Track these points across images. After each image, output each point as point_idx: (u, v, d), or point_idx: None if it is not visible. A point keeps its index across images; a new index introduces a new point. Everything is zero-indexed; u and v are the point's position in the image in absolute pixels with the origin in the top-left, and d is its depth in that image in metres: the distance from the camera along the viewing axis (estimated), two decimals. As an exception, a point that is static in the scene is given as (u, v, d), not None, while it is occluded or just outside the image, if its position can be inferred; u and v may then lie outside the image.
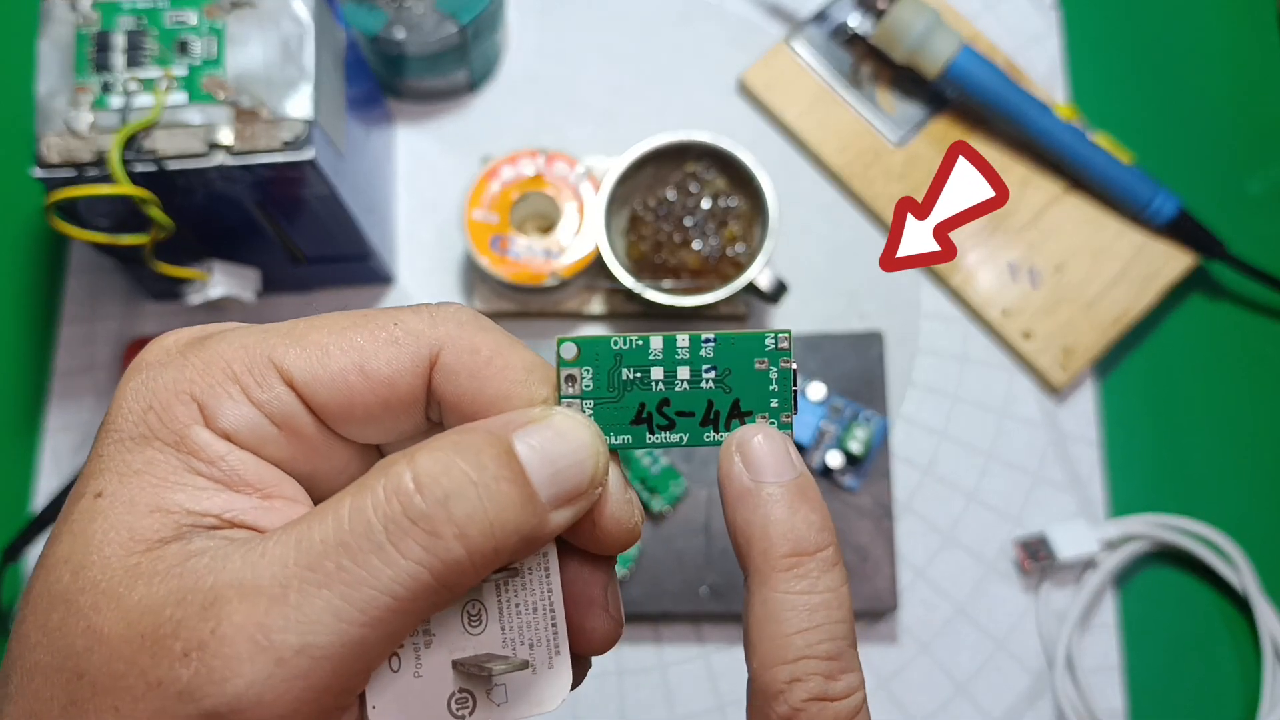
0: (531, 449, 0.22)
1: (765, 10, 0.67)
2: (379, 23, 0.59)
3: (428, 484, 0.21)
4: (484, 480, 0.21)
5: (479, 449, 0.21)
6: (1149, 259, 0.61)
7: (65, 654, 0.21)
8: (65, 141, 0.48)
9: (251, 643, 0.19)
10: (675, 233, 0.59)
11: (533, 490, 0.22)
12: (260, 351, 0.23)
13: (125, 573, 0.21)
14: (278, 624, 0.20)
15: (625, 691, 0.57)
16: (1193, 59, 0.67)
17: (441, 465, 0.21)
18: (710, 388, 0.24)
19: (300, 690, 0.20)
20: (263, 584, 0.20)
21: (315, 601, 0.20)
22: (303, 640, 0.20)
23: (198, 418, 0.23)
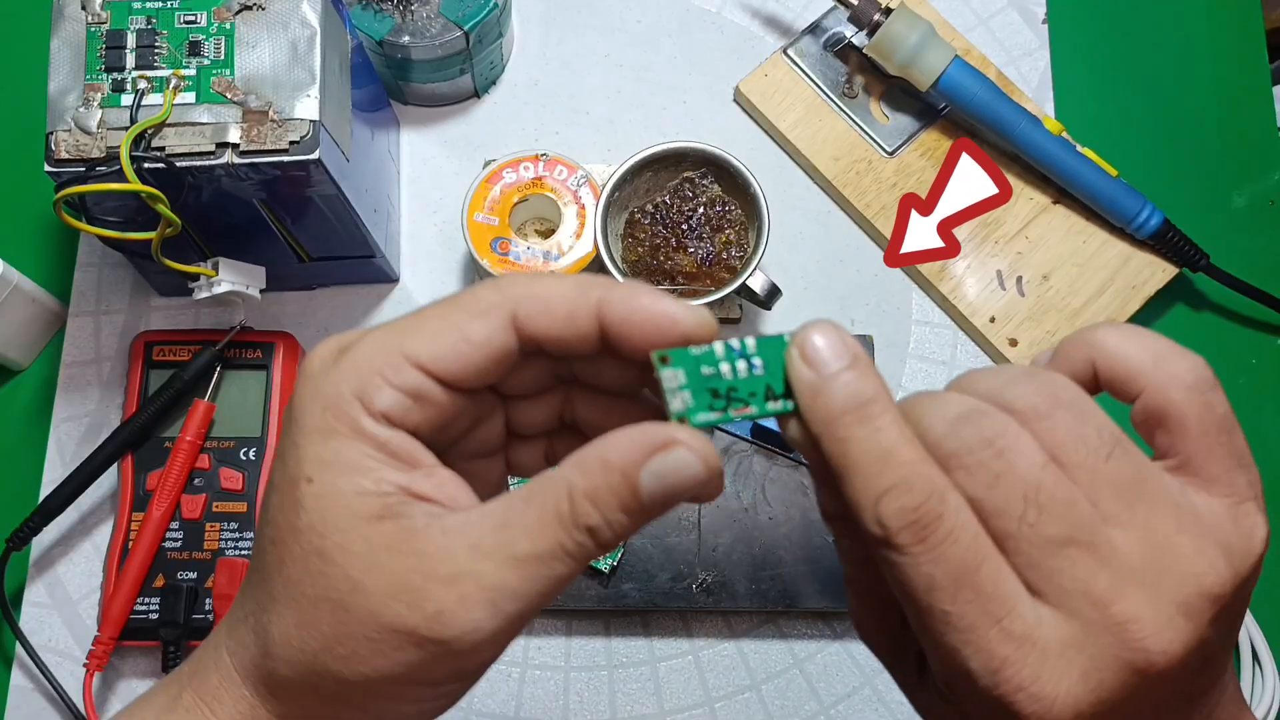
0: (654, 478, 0.29)
1: (762, 22, 0.69)
2: (386, 27, 0.60)
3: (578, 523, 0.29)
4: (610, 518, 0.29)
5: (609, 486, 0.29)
6: (1133, 269, 0.63)
7: (330, 591, 0.29)
8: (76, 138, 0.49)
9: (488, 606, 0.29)
10: (672, 237, 0.60)
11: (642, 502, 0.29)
12: (391, 347, 0.30)
13: (365, 543, 0.29)
14: (501, 600, 0.29)
15: (615, 685, 0.58)
16: (1179, 74, 0.68)
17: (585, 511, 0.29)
18: (761, 375, 0.30)
19: (506, 632, 0.29)
20: (488, 571, 0.29)
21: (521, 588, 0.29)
22: (516, 606, 0.29)
23: (361, 410, 0.30)
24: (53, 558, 0.59)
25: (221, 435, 0.58)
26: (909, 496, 0.27)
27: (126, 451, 0.58)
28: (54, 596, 0.59)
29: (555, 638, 0.58)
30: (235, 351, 0.60)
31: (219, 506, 0.57)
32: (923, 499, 0.27)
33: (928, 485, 0.27)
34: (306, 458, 0.30)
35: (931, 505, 0.27)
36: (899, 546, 0.27)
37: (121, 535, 0.57)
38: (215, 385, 0.59)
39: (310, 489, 0.30)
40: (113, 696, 0.58)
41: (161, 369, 0.59)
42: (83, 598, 0.59)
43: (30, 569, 0.59)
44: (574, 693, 0.57)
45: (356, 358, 0.31)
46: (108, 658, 0.56)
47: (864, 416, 0.28)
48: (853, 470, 0.28)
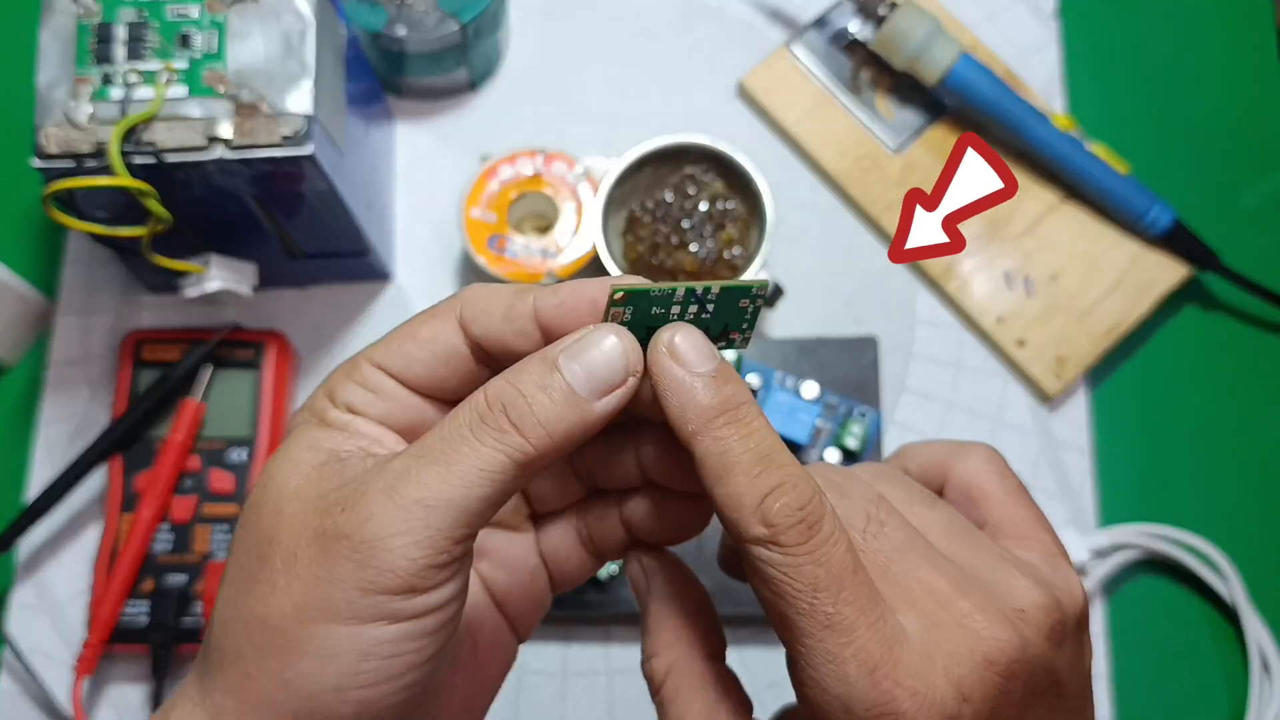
0: (570, 357, 0.29)
1: (766, 15, 0.68)
2: (380, 20, 0.59)
3: (492, 399, 0.29)
4: (529, 391, 0.29)
5: (528, 369, 0.29)
6: (1143, 269, 0.62)
7: (261, 532, 0.30)
8: (65, 132, 0.48)
9: (385, 497, 0.28)
10: (672, 234, 0.59)
11: (571, 390, 0.29)
12: (355, 358, 0.33)
13: (300, 481, 0.30)
14: (402, 487, 0.28)
15: (614, 691, 0.57)
16: (1190, 71, 0.67)
17: (500, 386, 0.29)
18: (706, 317, 0.31)
19: (417, 528, 0.28)
20: (394, 467, 0.29)
21: (425, 473, 0.28)
22: (419, 495, 0.28)
23: (327, 404, 0.33)
24: (40, 560, 0.58)
25: (211, 435, 0.58)
26: (795, 495, 0.28)
27: (115, 452, 0.57)
28: (42, 599, 0.58)
29: (553, 643, 0.57)
30: (226, 350, 0.59)
31: (209, 509, 0.56)
32: (808, 498, 0.28)
33: (810, 486, 0.29)
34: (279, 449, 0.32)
35: (816, 504, 0.28)
36: (785, 545, 0.28)
37: (110, 537, 0.56)
38: (205, 385, 0.58)
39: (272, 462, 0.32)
40: (101, 700, 0.57)
41: (151, 368, 0.58)
42: (71, 600, 0.58)
43: (17, 571, 0.58)
44: (571, 699, 0.57)
45: (328, 377, 0.33)
46: (96, 661, 0.55)
47: (740, 417, 0.29)
48: (733, 469, 0.29)
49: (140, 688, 0.57)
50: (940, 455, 0.36)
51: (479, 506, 0.29)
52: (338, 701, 0.29)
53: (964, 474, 0.35)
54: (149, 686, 0.56)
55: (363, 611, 0.28)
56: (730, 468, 0.29)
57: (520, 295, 0.32)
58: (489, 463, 0.29)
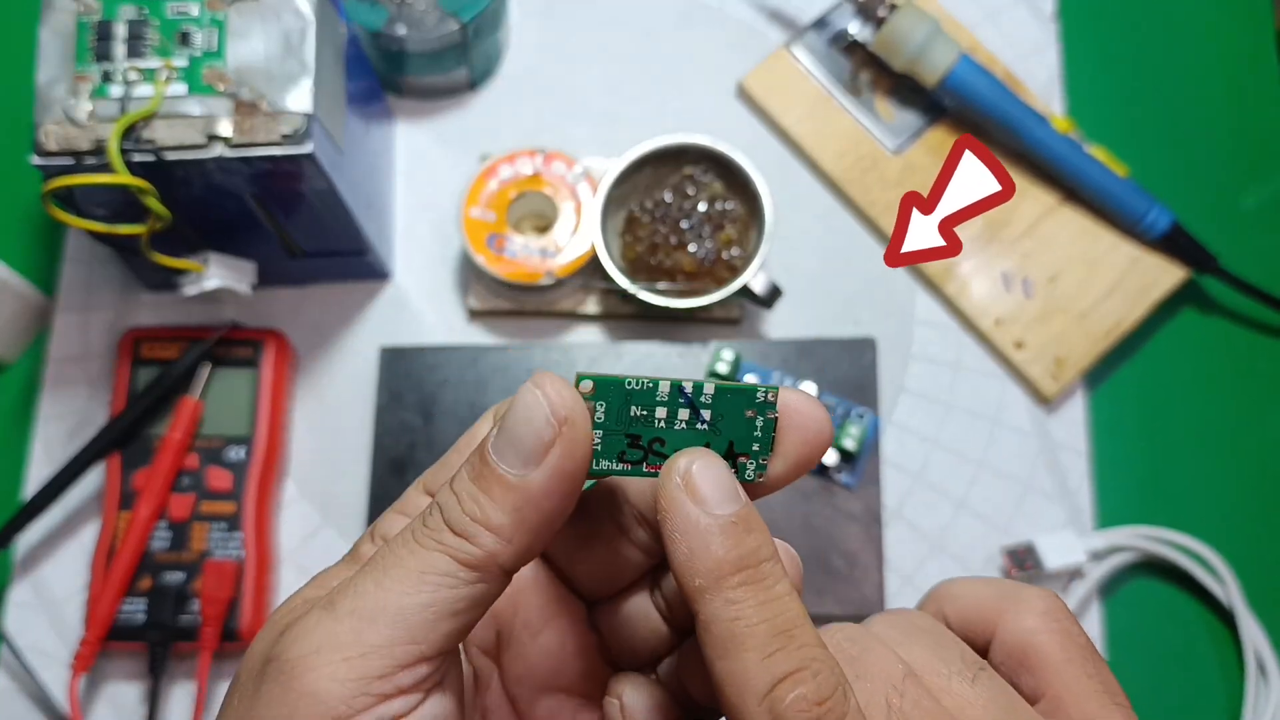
0: (496, 435, 0.25)
1: (766, 15, 0.68)
2: (380, 18, 0.59)
3: (432, 505, 0.26)
4: (462, 489, 0.25)
5: (463, 466, 0.26)
6: (1142, 272, 0.62)
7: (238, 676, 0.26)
8: (64, 130, 0.48)
9: (320, 610, 0.25)
10: (671, 235, 0.59)
11: (496, 474, 0.25)
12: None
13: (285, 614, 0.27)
14: (338, 599, 0.25)
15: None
16: (1190, 74, 0.67)
17: (440, 491, 0.26)
18: (704, 429, 0.25)
19: (347, 643, 0.24)
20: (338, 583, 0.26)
21: (362, 582, 0.25)
22: (352, 606, 0.24)
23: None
24: (38, 557, 0.58)
25: (210, 434, 0.57)
26: (814, 686, 0.23)
27: (113, 450, 0.57)
28: (39, 596, 0.58)
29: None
30: (224, 349, 0.59)
31: (206, 507, 0.56)
32: (830, 691, 0.23)
33: (834, 676, 0.23)
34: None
35: (838, 700, 0.23)
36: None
37: (108, 535, 0.56)
38: (204, 383, 0.58)
39: None
40: (98, 698, 0.57)
41: (149, 366, 0.58)
42: (68, 598, 0.58)
43: (15, 568, 0.58)
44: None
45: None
46: (93, 659, 0.55)
47: (760, 578, 0.24)
48: (744, 642, 0.23)
49: (137, 686, 0.57)
50: (989, 601, 0.29)
51: (425, 616, 0.24)
52: None
53: (1017, 633, 0.28)
54: (146, 684, 0.56)
55: None
56: (740, 640, 0.23)
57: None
58: (429, 565, 0.24)
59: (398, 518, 0.29)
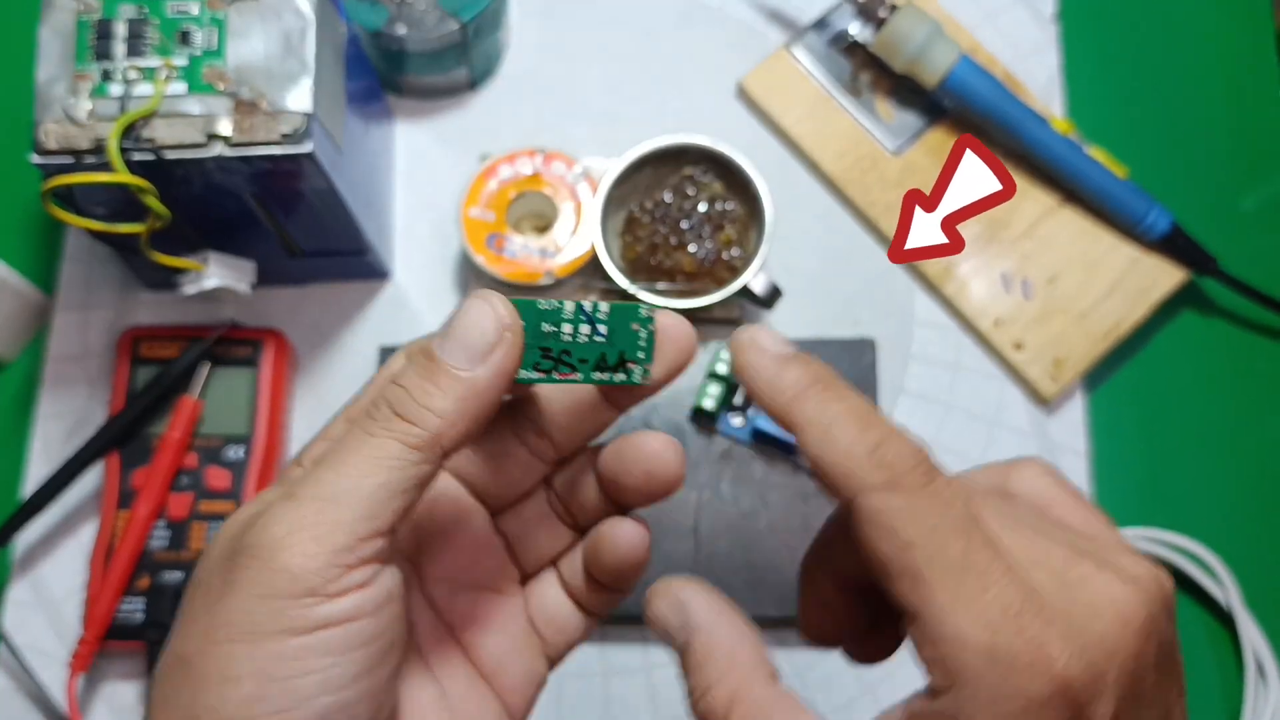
0: (443, 339, 0.29)
1: (766, 16, 0.68)
2: (380, 18, 0.59)
3: (377, 399, 0.29)
4: (412, 384, 0.29)
5: (409, 366, 0.29)
6: (1141, 273, 0.62)
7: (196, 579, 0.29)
8: (64, 128, 0.48)
9: (282, 501, 0.28)
10: (671, 235, 0.59)
11: (452, 370, 0.29)
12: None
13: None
14: (298, 489, 0.28)
15: (609, 692, 0.57)
16: (1189, 75, 0.67)
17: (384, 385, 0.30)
18: (601, 341, 0.30)
19: (313, 522, 0.27)
20: (292, 475, 0.29)
21: (321, 473, 0.28)
22: (314, 491, 0.28)
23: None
24: (36, 556, 0.58)
25: (209, 433, 0.57)
26: (907, 442, 0.28)
27: (112, 449, 0.57)
28: (37, 595, 0.58)
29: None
30: (224, 348, 0.59)
31: (205, 506, 0.56)
32: (920, 446, 0.28)
33: (916, 440, 0.29)
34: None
35: (927, 453, 0.28)
36: (908, 487, 0.27)
37: (106, 534, 0.56)
38: (203, 382, 0.58)
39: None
40: (96, 698, 0.57)
41: (148, 365, 0.58)
42: (67, 597, 0.58)
43: (13, 567, 0.58)
44: (567, 701, 0.56)
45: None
46: (92, 658, 0.55)
47: (833, 385, 0.30)
48: (840, 424, 0.28)
49: (135, 685, 0.57)
50: (993, 475, 0.32)
51: (380, 495, 0.28)
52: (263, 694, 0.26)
53: (1024, 485, 0.32)
54: (144, 684, 0.56)
55: (262, 623, 0.27)
56: (836, 423, 0.28)
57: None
58: (382, 451, 0.28)
59: (324, 443, 0.31)
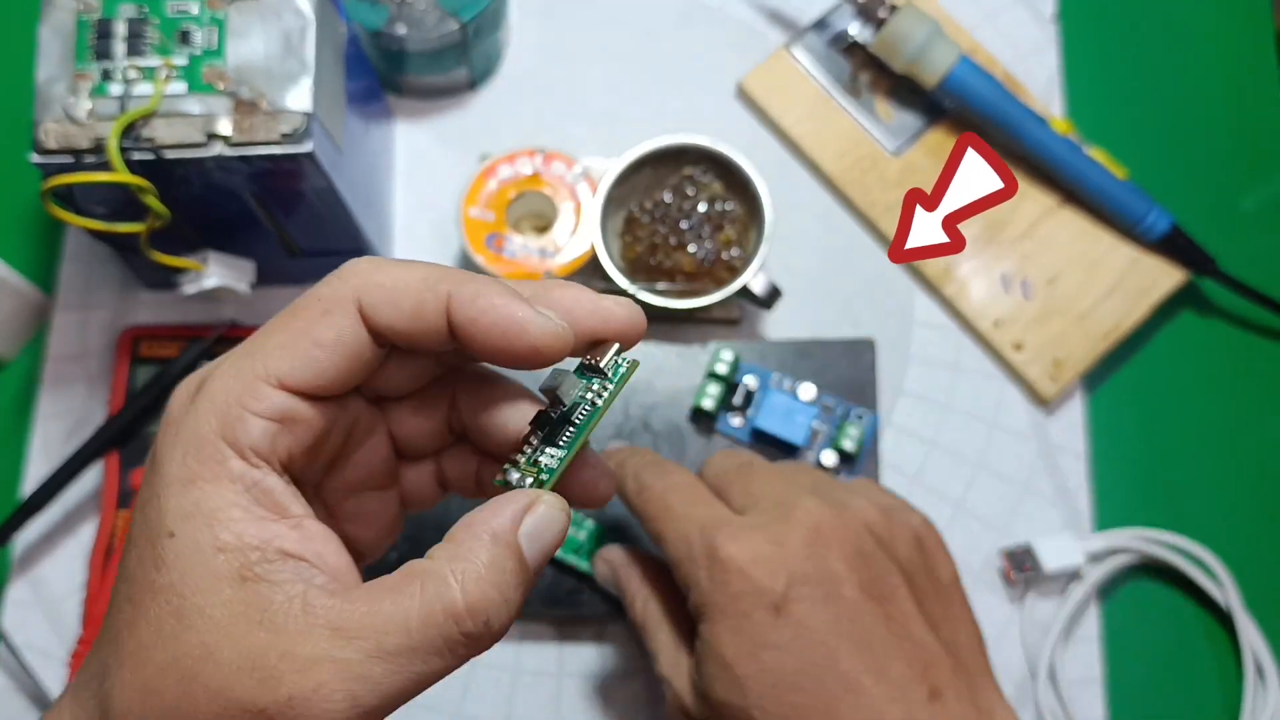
0: (530, 540, 0.30)
1: (766, 16, 0.68)
2: (381, 18, 0.59)
3: (477, 611, 0.29)
4: (508, 597, 0.29)
5: (505, 569, 0.29)
6: (1141, 274, 0.62)
7: (181, 657, 0.28)
8: (64, 128, 0.48)
9: (347, 698, 0.27)
10: (671, 235, 0.59)
11: (530, 572, 0.30)
12: (246, 372, 0.30)
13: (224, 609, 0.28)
14: (363, 694, 0.27)
15: (609, 692, 0.57)
16: (1189, 76, 0.67)
17: (483, 594, 0.29)
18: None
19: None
20: (352, 661, 0.27)
21: (385, 683, 0.28)
22: (376, 701, 0.27)
23: (227, 449, 0.29)
24: (36, 556, 0.58)
25: (209, 433, 0.57)
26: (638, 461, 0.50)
27: (111, 448, 0.57)
28: (36, 595, 0.58)
29: (548, 644, 0.57)
30: (223, 347, 0.59)
31: (205, 506, 0.56)
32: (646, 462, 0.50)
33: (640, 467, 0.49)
34: (168, 510, 0.29)
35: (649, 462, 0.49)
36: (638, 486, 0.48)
37: (105, 533, 0.56)
38: (203, 381, 0.58)
39: (172, 544, 0.29)
40: None
41: (148, 364, 0.58)
42: (66, 596, 0.58)
43: (12, 567, 0.58)
44: (566, 700, 0.56)
45: (213, 393, 0.30)
46: (91, 658, 0.55)
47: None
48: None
49: (135, 684, 0.57)
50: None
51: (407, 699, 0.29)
52: None
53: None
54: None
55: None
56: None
57: (431, 286, 0.30)
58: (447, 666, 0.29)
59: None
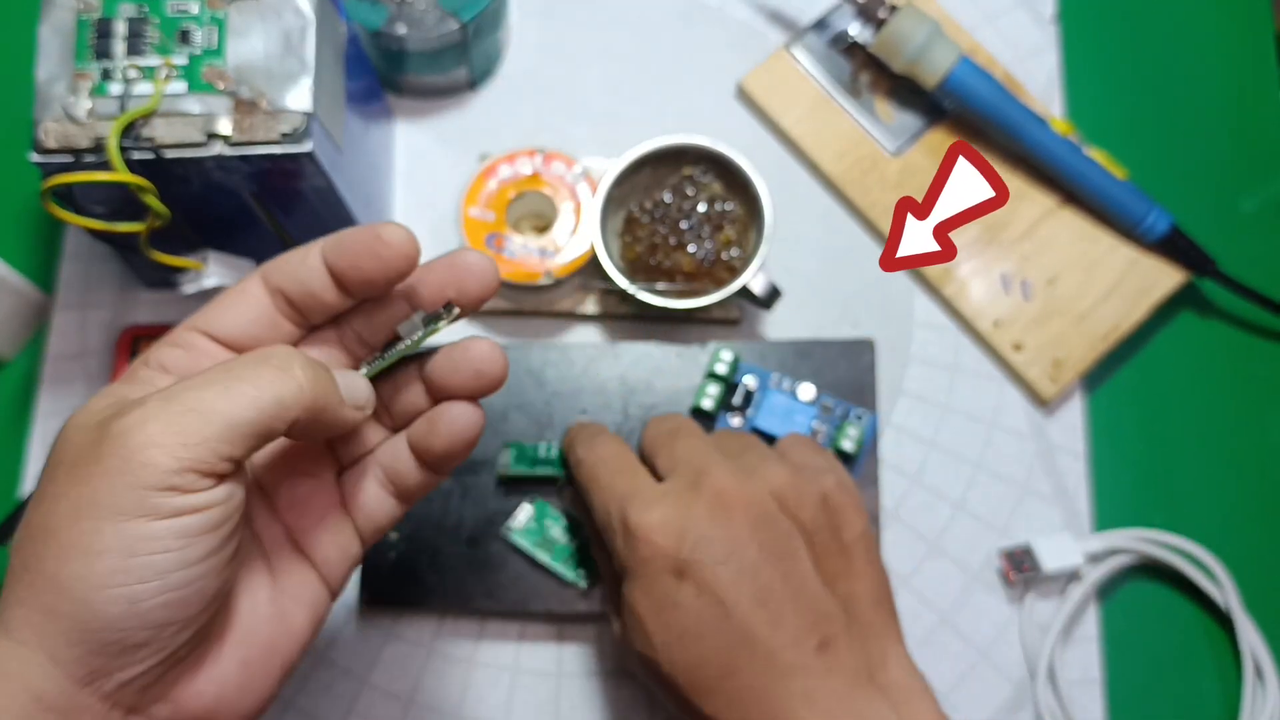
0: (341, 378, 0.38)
1: (766, 16, 0.68)
2: (380, 18, 0.59)
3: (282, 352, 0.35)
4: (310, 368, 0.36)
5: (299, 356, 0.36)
6: (1141, 275, 0.62)
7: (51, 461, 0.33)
8: (63, 127, 0.48)
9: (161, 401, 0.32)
10: (670, 235, 0.59)
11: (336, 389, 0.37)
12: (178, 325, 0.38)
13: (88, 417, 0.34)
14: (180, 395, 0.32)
15: (608, 691, 0.57)
16: (1189, 77, 0.67)
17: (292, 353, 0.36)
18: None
19: (185, 430, 0.32)
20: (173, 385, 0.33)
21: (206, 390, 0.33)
22: (194, 404, 0.32)
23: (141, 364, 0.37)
24: (35, 555, 0.58)
25: (208, 432, 0.57)
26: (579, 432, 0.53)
27: (111, 447, 0.57)
28: (36, 594, 0.58)
29: (547, 643, 0.57)
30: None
31: (205, 506, 0.56)
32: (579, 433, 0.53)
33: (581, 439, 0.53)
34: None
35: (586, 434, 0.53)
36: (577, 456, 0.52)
37: (105, 533, 0.56)
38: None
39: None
40: None
41: (148, 364, 0.58)
42: (65, 596, 0.58)
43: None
44: (565, 699, 0.57)
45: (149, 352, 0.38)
46: (90, 658, 0.55)
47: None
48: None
49: (134, 684, 0.57)
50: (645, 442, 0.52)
51: (245, 429, 0.32)
52: (105, 600, 0.31)
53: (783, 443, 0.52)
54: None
55: (127, 507, 0.31)
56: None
57: (309, 247, 0.38)
58: (267, 395, 0.33)
59: (168, 348, 0.37)
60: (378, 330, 0.41)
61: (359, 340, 0.41)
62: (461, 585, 0.56)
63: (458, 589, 0.56)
